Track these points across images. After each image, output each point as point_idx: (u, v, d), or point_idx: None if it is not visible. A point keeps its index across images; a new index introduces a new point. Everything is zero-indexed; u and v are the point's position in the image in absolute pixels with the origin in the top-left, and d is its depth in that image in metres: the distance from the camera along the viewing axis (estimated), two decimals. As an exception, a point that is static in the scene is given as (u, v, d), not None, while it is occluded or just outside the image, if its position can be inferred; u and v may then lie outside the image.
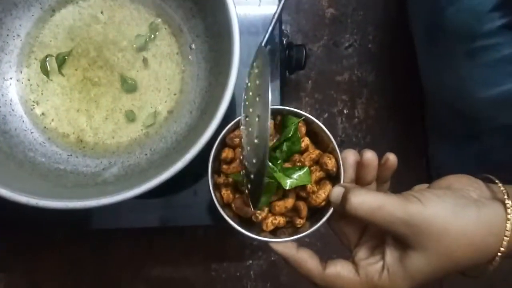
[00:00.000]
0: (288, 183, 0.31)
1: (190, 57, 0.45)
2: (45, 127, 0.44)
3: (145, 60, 0.44)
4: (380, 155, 0.33)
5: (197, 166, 0.45)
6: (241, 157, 0.32)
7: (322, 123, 0.34)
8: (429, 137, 0.63)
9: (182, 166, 0.35)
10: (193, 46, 0.45)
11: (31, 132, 0.44)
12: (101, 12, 0.45)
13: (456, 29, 0.47)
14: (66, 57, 0.44)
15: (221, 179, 0.34)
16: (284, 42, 0.56)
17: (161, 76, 0.45)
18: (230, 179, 0.33)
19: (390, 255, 0.30)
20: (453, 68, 0.49)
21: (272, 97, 0.50)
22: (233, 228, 0.32)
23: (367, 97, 0.71)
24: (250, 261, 0.69)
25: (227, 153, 0.34)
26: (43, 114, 0.44)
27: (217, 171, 0.35)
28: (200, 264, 0.70)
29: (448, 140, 0.57)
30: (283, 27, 0.51)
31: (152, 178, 0.35)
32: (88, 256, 0.71)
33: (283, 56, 0.53)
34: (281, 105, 0.50)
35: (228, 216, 0.33)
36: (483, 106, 0.48)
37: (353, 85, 0.72)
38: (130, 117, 0.44)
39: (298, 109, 0.34)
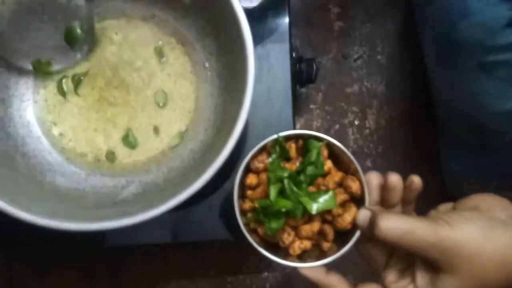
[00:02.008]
0: (314, 208, 0.31)
1: (204, 75, 0.45)
2: (63, 147, 0.45)
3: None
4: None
5: (213, 182, 0.45)
6: None
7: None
8: (441, 149, 0.63)
9: (200, 186, 0.35)
10: (206, 64, 0.45)
11: (50, 153, 0.44)
12: (116, 33, 0.46)
13: (468, 43, 0.47)
14: (82, 78, 0.45)
15: (246, 205, 0.34)
16: (294, 55, 0.57)
17: (176, 95, 0.45)
18: (256, 205, 0.33)
19: (421, 278, 0.30)
20: (466, 82, 0.49)
21: (284, 111, 0.51)
22: (261, 254, 0.33)
23: (377, 108, 0.72)
24: (266, 273, 0.69)
25: (251, 179, 0.34)
26: (61, 134, 0.45)
27: (242, 197, 0.35)
28: (216, 277, 0.70)
29: (461, 151, 0.57)
30: (292, 41, 0.51)
31: (170, 198, 0.35)
32: (103, 271, 0.71)
33: (294, 70, 0.53)
34: (292, 118, 0.51)
35: (255, 241, 0.33)
36: (497, 120, 0.48)
37: (363, 97, 0.72)
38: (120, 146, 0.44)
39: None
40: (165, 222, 0.49)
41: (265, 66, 0.49)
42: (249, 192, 0.35)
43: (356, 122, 0.71)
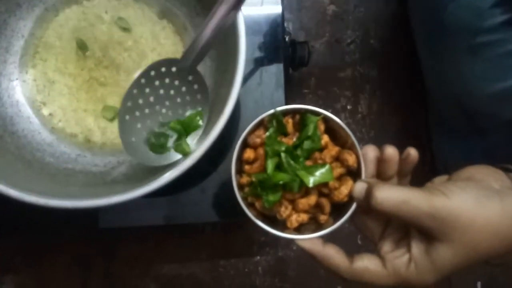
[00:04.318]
0: (311, 181, 0.31)
1: (195, 55, 0.45)
2: (52, 127, 0.44)
3: None
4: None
5: (205, 164, 0.45)
6: None
7: None
8: (433, 132, 0.63)
9: (191, 164, 0.35)
10: (198, 44, 0.45)
11: (39, 133, 0.44)
12: (105, 12, 0.45)
13: (457, 26, 0.47)
14: None
15: (244, 180, 0.34)
16: (287, 39, 0.56)
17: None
18: (253, 179, 0.33)
19: (416, 247, 0.30)
20: (455, 64, 0.50)
21: (276, 94, 0.51)
22: (259, 227, 0.33)
23: (369, 93, 0.72)
24: (258, 257, 0.70)
25: (249, 154, 0.34)
26: (50, 114, 0.44)
27: (239, 172, 0.35)
28: (208, 260, 0.71)
29: (452, 135, 0.57)
30: (285, 25, 0.51)
31: (161, 176, 0.35)
32: (96, 255, 0.71)
33: (287, 54, 0.53)
34: (285, 101, 0.51)
35: (253, 215, 0.33)
36: (487, 102, 0.48)
37: (356, 81, 0.72)
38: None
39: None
40: (159, 205, 0.49)
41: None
42: (246, 167, 0.35)
43: (349, 107, 0.71)
